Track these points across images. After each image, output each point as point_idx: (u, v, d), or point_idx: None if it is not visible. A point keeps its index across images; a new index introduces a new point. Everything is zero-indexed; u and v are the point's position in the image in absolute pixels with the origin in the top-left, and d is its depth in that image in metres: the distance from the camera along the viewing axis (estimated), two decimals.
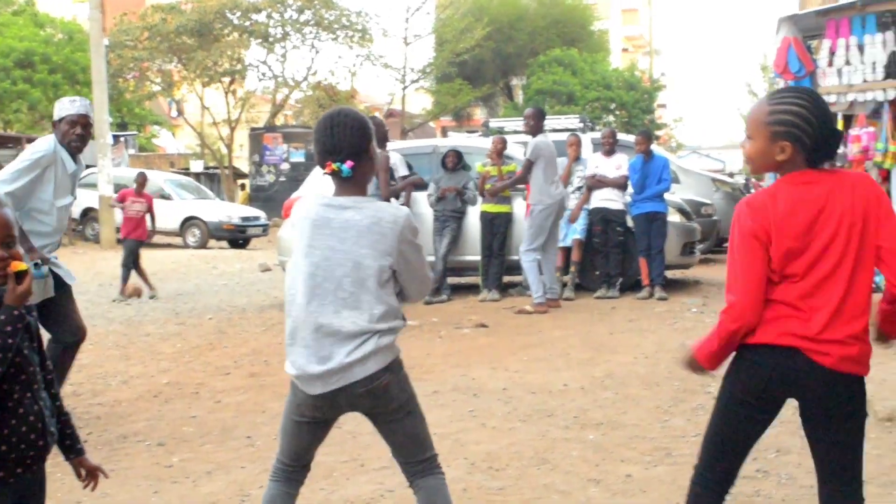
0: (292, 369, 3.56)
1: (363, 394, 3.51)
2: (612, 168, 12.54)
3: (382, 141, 11.26)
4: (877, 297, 3.26)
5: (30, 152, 6.43)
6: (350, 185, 3.57)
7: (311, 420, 3.65)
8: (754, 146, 3.20)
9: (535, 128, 11.77)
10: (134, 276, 14.39)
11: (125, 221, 14.87)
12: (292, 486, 3.78)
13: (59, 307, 6.43)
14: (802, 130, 3.09)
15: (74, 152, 6.53)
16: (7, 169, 6.38)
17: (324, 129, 3.55)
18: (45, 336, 6.61)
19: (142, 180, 15.28)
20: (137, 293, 14.13)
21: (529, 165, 11.58)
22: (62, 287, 6.44)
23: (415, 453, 3.69)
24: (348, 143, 3.52)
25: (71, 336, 6.52)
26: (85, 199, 24.18)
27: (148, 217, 14.75)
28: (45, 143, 6.46)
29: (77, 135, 6.44)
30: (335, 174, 3.53)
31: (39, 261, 6.04)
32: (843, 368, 3.18)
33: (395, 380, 3.55)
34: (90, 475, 3.30)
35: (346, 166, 3.50)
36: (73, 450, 3.24)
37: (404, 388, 3.62)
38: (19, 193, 6.22)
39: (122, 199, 15.08)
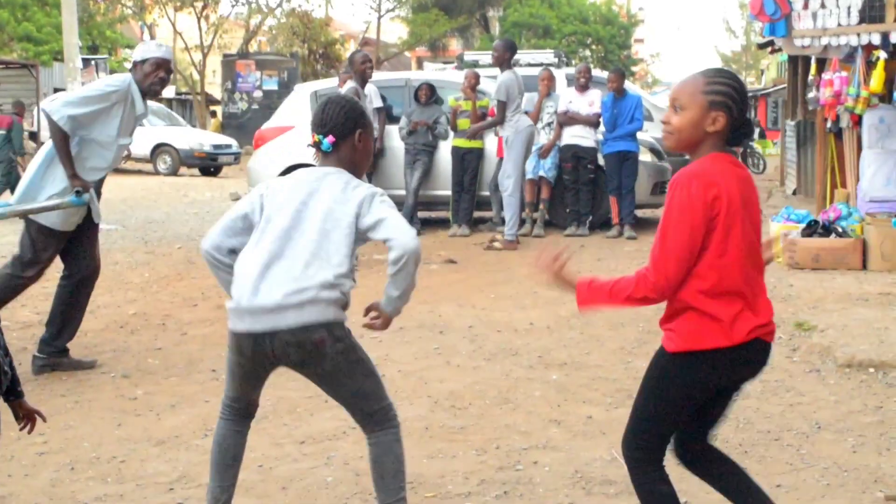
0: (230, 302, 3.55)
1: (293, 344, 3.45)
2: (584, 104, 12.49)
3: (362, 79, 11.21)
4: None
5: (103, 83, 6.36)
6: (331, 160, 3.68)
7: (243, 364, 3.61)
8: (686, 116, 3.16)
9: (502, 60, 11.67)
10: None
11: None
12: (240, 424, 3.78)
13: (83, 242, 6.44)
14: (735, 104, 3.13)
15: (153, 96, 6.47)
16: (75, 92, 6.30)
17: (320, 106, 3.72)
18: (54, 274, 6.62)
19: None
20: None
21: (503, 107, 11.51)
22: (90, 223, 6.42)
23: (363, 407, 3.68)
24: (333, 122, 3.65)
25: (86, 271, 6.50)
26: None
27: None
28: (121, 79, 6.34)
29: (159, 78, 6.34)
30: (317, 146, 3.67)
31: (81, 188, 6.06)
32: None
33: (332, 341, 3.48)
34: (27, 417, 3.30)
35: (328, 140, 3.64)
36: (13, 392, 3.23)
37: (347, 355, 3.55)
38: (81, 119, 6.13)
39: None
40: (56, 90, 29.40)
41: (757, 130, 28.47)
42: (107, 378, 6.31)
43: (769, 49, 16.95)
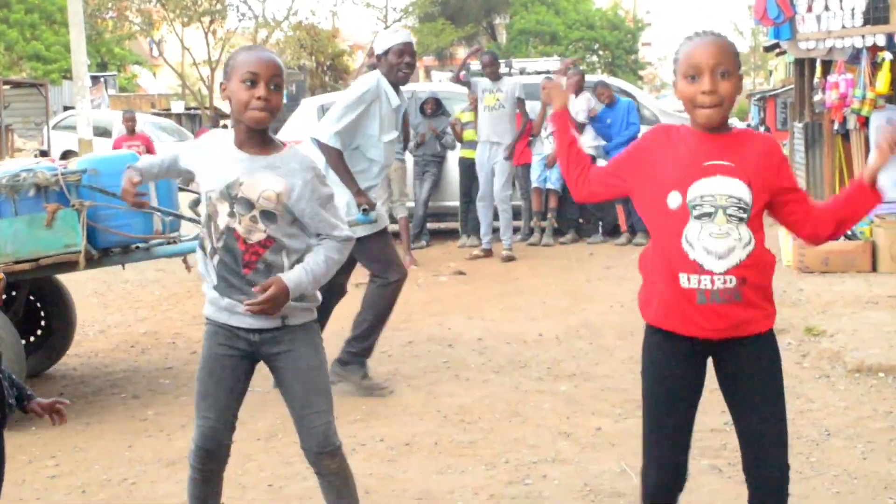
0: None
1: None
2: (580, 105, 12.40)
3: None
4: None
5: (354, 90, 6.27)
6: None
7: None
8: (734, 82, 3.00)
9: (496, 72, 11.71)
10: None
11: None
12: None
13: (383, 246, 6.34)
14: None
15: (402, 82, 6.34)
16: (334, 108, 6.23)
17: None
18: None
19: (130, 118, 13.95)
20: None
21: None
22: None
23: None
24: None
25: (397, 274, 6.34)
26: (64, 141, 24.03)
27: None
28: (370, 78, 6.27)
29: (406, 63, 6.25)
30: None
31: (367, 206, 5.99)
32: None
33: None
34: (52, 411, 3.30)
35: None
36: (24, 398, 3.24)
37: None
38: (346, 131, 6.09)
39: (117, 147, 13.61)
40: (66, 108, 29.59)
41: (763, 130, 28.47)
42: (118, 399, 6.33)
43: (775, 52, 16.91)
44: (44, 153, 24.45)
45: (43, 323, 6.98)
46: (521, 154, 12.12)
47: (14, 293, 6.53)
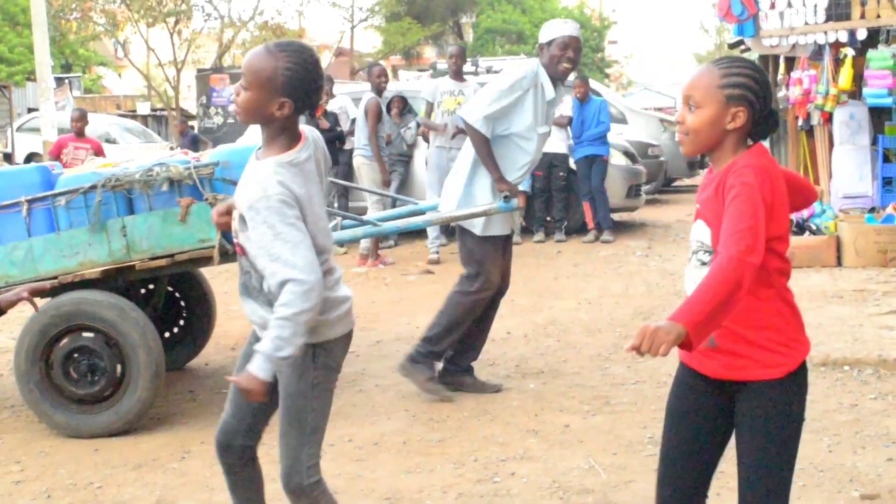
0: None
1: None
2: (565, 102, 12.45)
3: (378, 90, 11.44)
4: None
5: (513, 74, 5.99)
6: None
7: None
8: (703, 115, 2.84)
9: (460, 71, 11.46)
10: None
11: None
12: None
13: (503, 255, 6.23)
14: (756, 96, 2.84)
15: (563, 76, 6.07)
16: (487, 90, 5.99)
17: None
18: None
19: (78, 117, 12.32)
20: None
21: None
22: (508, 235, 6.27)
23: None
24: None
25: (500, 285, 6.24)
26: (28, 143, 23.82)
27: None
28: (527, 66, 5.98)
29: (568, 58, 5.94)
30: None
31: (508, 192, 5.85)
32: None
33: None
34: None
35: None
36: None
37: None
38: (495, 116, 5.87)
39: (59, 150, 12.13)
40: (30, 110, 29.35)
41: None
42: None
43: (739, 49, 17.02)
44: (7, 156, 24.23)
45: (184, 315, 6.97)
46: None
47: (152, 287, 6.54)
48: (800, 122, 12.06)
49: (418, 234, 13.19)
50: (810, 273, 9.24)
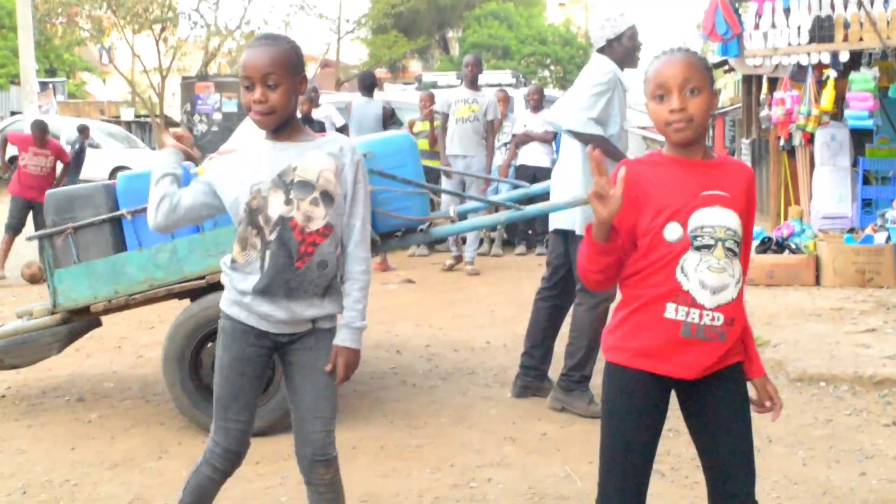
0: None
1: None
2: (538, 124, 12.55)
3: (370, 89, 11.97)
4: None
5: (600, 74, 5.87)
6: None
7: None
8: (704, 99, 2.80)
9: (476, 80, 11.53)
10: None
11: (19, 174, 12.22)
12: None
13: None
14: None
15: (635, 67, 6.04)
16: (577, 97, 5.87)
17: None
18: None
19: (39, 127, 12.49)
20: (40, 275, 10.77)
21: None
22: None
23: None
24: None
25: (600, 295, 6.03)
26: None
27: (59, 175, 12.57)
28: (608, 64, 5.92)
29: (639, 46, 6.02)
30: None
31: None
32: None
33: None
34: None
35: None
36: None
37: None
38: (600, 118, 5.79)
39: (24, 145, 12.40)
40: (13, 113, 29.25)
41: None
42: (61, 401, 6.27)
43: (724, 69, 17.12)
44: None
45: None
46: None
47: None
48: (781, 142, 12.14)
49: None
50: (789, 291, 9.30)
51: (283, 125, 3.26)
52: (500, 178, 11.19)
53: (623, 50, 5.97)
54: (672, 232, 2.82)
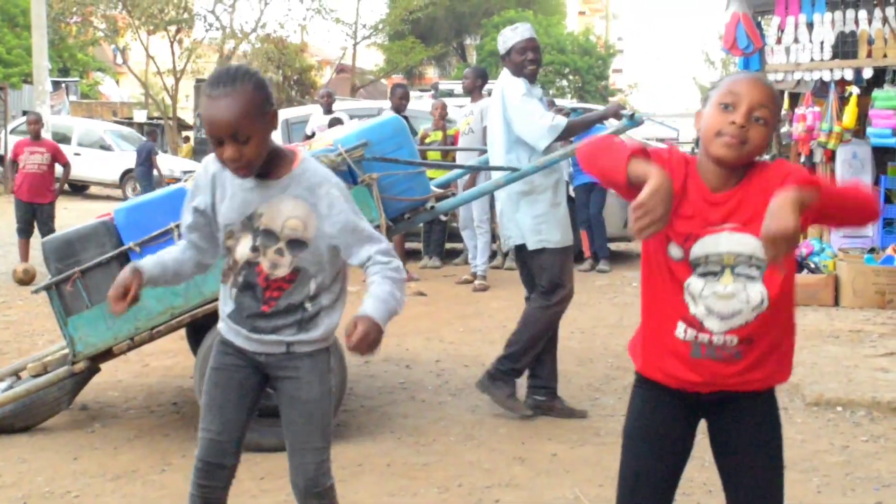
0: None
1: None
2: None
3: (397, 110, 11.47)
4: None
5: (515, 90, 5.98)
6: None
7: None
8: (765, 133, 2.65)
9: (473, 87, 11.53)
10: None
11: (20, 175, 12.05)
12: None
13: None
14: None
15: (531, 78, 6.13)
16: (520, 110, 5.96)
17: None
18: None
19: (34, 120, 12.25)
20: (28, 279, 11.14)
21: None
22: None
23: None
24: None
25: (556, 298, 6.09)
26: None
27: (59, 172, 12.24)
28: (511, 79, 6.07)
29: (530, 60, 6.08)
30: None
31: (634, 112, 5.87)
32: None
33: None
34: None
35: None
36: None
37: None
38: (544, 114, 5.94)
39: (16, 155, 12.22)
40: (24, 112, 29.26)
41: None
42: (64, 410, 6.16)
43: None
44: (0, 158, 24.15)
45: None
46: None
47: None
48: (802, 159, 12.01)
49: (411, 255, 13.12)
50: (807, 311, 9.16)
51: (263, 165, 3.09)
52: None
53: (513, 64, 6.12)
54: (674, 252, 2.71)
